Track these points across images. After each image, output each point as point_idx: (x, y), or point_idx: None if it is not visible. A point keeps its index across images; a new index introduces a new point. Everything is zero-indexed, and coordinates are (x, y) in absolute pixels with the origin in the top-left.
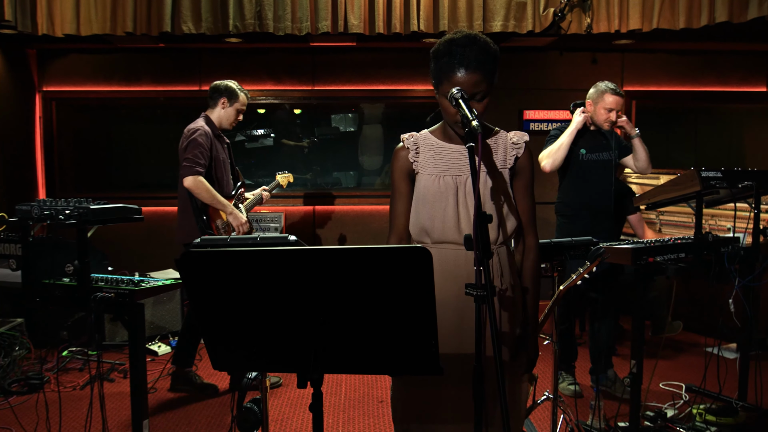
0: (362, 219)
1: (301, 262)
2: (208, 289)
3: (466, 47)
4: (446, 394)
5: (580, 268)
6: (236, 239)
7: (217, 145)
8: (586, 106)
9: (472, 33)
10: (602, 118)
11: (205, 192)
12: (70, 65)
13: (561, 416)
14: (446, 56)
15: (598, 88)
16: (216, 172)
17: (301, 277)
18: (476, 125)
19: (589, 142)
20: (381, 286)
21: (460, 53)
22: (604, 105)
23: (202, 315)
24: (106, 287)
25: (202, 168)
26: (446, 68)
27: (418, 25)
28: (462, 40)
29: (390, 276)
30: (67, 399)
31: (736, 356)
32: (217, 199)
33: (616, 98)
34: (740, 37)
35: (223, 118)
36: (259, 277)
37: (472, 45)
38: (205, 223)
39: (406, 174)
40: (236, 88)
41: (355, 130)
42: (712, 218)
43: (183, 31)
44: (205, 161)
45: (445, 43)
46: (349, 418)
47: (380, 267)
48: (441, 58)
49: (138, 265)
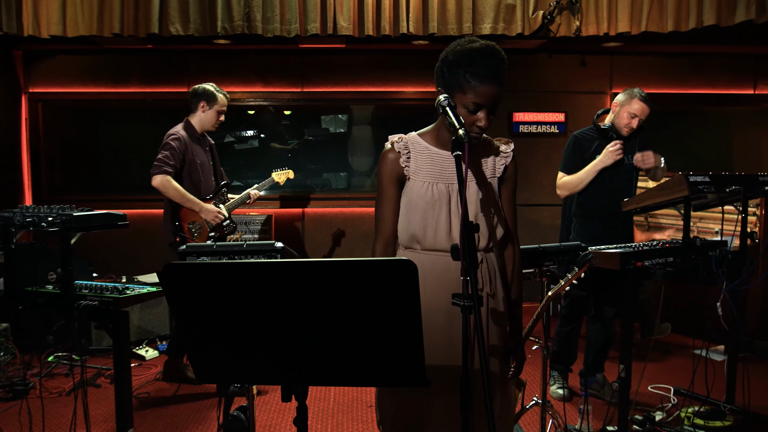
0: (352, 221)
1: (285, 275)
2: (190, 302)
3: (489, 59)
4: (436, 402)
5: (569, 274)
6: (222, 245)
7: (194, 149)
8: (612, 107)
9: (490, 43)
10: (624, 122)
11: (173, 191)
12: (57, 66)
13: (550, 421)
14: (467, 66)
15: (628, 92)
16: (192, 174)
17: (284, 289)
18: (463, 134)
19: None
20: (366, 298)
21: (485, 65)
22: (629, 109)
23: (184, 327)
24: (90, 295)
25: (171, 168)
26: (466, 79)
27: (408, 27)
28: (485, 51)
29: (375, 288)
30: (53, 405)
31: (724, 358)
32: (186, 197)
33: (642, 106)
34: (728, 40)
35: (204, 121)
36: (241, 289)
37: (495, 57)
38: (177, 227)
39: (395, 178)
40: (214, 90)
41: (344, 131)
42: (701, 220)
43: (171, 32)
44: (176, 163)
45: (467, 52)
46: (338, 423)
47: (365, 279)
48: (459, 68)
49: (126, 267)
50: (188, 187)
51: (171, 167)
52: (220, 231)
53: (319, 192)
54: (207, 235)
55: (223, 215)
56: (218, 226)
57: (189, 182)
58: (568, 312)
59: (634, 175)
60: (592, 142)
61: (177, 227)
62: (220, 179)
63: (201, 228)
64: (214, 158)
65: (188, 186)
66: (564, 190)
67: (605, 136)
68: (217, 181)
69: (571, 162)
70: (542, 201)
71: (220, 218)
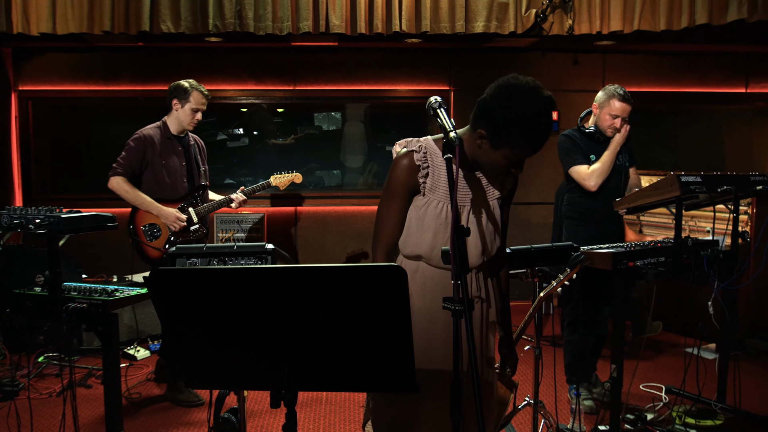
0: (345, 219)
1: (273, 281)
2: (177, 307)
3: (549, 124)
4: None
5: (560, 275)
6: (212, 247)
7: (164, 149)
8: (592, 109)
9: (546, 92)
10: (606, 123)
11: (125, 193)
12: (47, 64)
13: (542, 421)
14: (528, 130)
15: (606, 92)
16: (156, 175)
17: (273, 295)
18: (454, 137)
19: (596, 149)
20: (356, 304)
21: (543, 131)
22: (610, 110)
23: (172, 333)
24: (79, 297)
25: (122, 169)
26: (520, 142)
27: (400, 26)
28: (548, 111)
29: (365, 295)
30: (43, 406)
31: (715, 357)
32: (140, 200)
33: (623, 105)
34: (720, 39)
35: (179, 119)
36: (229, 295)
37: (551, 119)
38: (131, 230)
39: (409, 189)
40: (188, 86)
41: (338, 128)
42: (692, 219)
43: (162, 30)
44: (131, 164)
45: (532, 114)
46: (330, 424)
47: (354, 286)
48: (517, 127)
49: (118, 266)
50: (151, 189)
51: (124, 169)
52: (185, 236)
53: (313, 190)
54: (166, 239)
55: (183, 220)
56: (183, 231)
57: (153, 183)
58: (572, 320)
59: (624, 176)
60: (580, 142)
61: (131, 230)
62: (198, 181)
63: (160, 231)
64: (191, 159)
65: (151, 187)
66: (596, 178)
67: (592, 138)
68: (192, 183)
69: (578, 154)
70: (534, 200)
71: (180, 223)
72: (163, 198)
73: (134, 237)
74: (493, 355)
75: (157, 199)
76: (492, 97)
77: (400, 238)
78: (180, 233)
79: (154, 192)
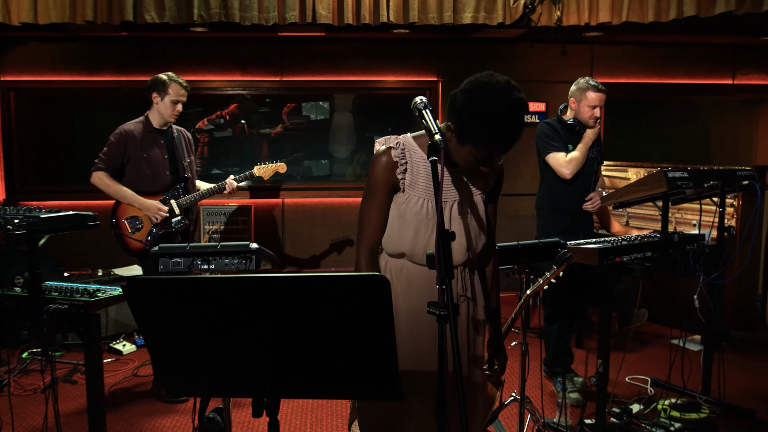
0: (332, 210)
1: (254, 290)
2: (156, 316)
3: (516, 119)
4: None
5: (547, 272)
6: (195, 247)
7: (146, 142)
8: (570, 104)
9: (520, 95)
10: (587, 115)
11: (106, 187)
12: (29, 54)
13: (528, 416)
14: (492, 125)
15: (579, 86)
16: (138, 169)
17: (254, 304)
18: (439, 140)
19: (575, 140)
20: (338, 313)
21: (510, 126)
22: (587, 103)
23: (151, 341)
24: (60, 298)
25: (104, 164)
26: (485, 137)
27: (388, 16)
28: (514, 112)
29: (347, 303)
30: (28, 403)
31: (700, 348)
32: (122, 193)
33: (599, 95)
34: (708, 31)
35: (160, 112)
36: (208, 304)
37: (521, 115)
38: (114, 223)
39: (389, 186)
40: (166, 79)
41: (326, 118)
42: (678, 211)
43: (146, 20)
44: (113, 159)
45: (495, 109)
46: (318, 419)
47: (337, 295)
48: (481, 122)
49: (103, 259)
50: (133, 182)
51: (104, 164)
52: (167, 228)
53: (300, 181)
54: (148, 231)
55: (165, 211)
56: (165, 222)
57: (135, 177)
58: (551, 310)
59: (596, 169)
60: (560, 131)
61: (114, 223)
62: (181, 173)
63: (142, 224)
64: (175, 151)
65: (133, 180)
66: (572, 167)
67: (572, 130)
68: (176, 176)
69: (558, 142)
70: (522, 191)
71: (161, 214)
72: (145, 191)
73: (117, 230)
74: (481, 354)
75: (139, 191)
76: (461, 92)
77: (384, 237)
78: (162, 225)
79: (136, 185)
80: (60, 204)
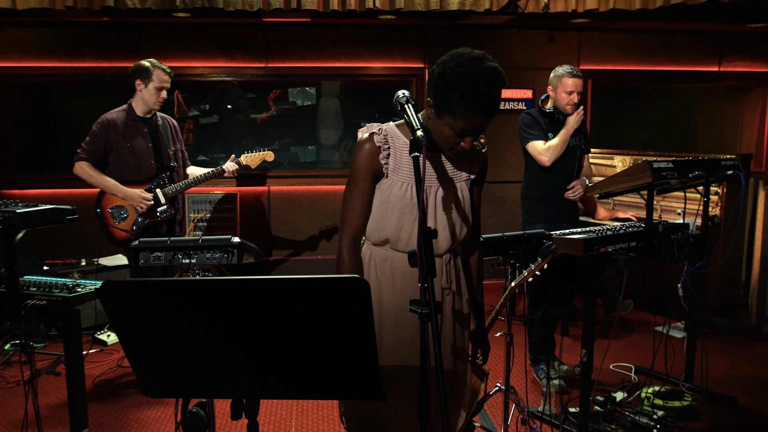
0: (319, 198)
1: (232, 293)
2: (132, 319)
3: (490, 87)
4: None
5: (532, 265)
6: (176, 241)
7: (129, 131)
8: (549, 92)
9: (493, 65)
10: (564, 101)
11: (88, 177)
12: (8, 40)
13: (513, 406)
14: (466, 93)
15: (556, 73)
16: (122, 158)
17: (232, 306)
18: (421, 136)
19: (556, 129)
20: (318, 315)
21: (485, 93)
22: (564, 89)
23: (127, 343)
24: (38, 294)
25: (86, 155)
26: (460, 105)
27: (374, 2)
28: (488, 77)
29: (327, 306)
30: (10, 396)
31: (683, 335)
32: (105, 183)
33: (575, 80)
34: (694, 18)
35: (144, 99)
36: (187, 306)
37: (496, 84)
38: (99, 213)
39: (372, 172)
40: (149, 66)
41: (312, 104)
42: (664, 199)
43: (127, 5)
44: (95, 149)
45: (468, 76)
46: (303, 409)
47: (316, 297)
48: (456, 91)
49: (87, 248)
50: (117, 171)
51: (87, 154)
52: (152, 217)
53: (287, 169)
54: (133, 221)
55: (149, 200)
56: (150, 212)
57: (119, 166)
58: (534, 297)
59: (579, 156)
60: (540, 120)
61: (98, 213)
62: (166, 162)
63: (127, 213)
64: (159, 139)
65: (117, 170)
66: (550, 154)
67: (552, 118)
68: (161, 164)
69: (537, 131)
70: (509, 178)
71: (145, 203)
72: (129, 180)
73: (102, 220)
74: (465, 347)
75: (123, 181)
76: (438, 64)
77: (368, 225)
78: (147, 214)
79: (120, 174)
80: (43, 192)
